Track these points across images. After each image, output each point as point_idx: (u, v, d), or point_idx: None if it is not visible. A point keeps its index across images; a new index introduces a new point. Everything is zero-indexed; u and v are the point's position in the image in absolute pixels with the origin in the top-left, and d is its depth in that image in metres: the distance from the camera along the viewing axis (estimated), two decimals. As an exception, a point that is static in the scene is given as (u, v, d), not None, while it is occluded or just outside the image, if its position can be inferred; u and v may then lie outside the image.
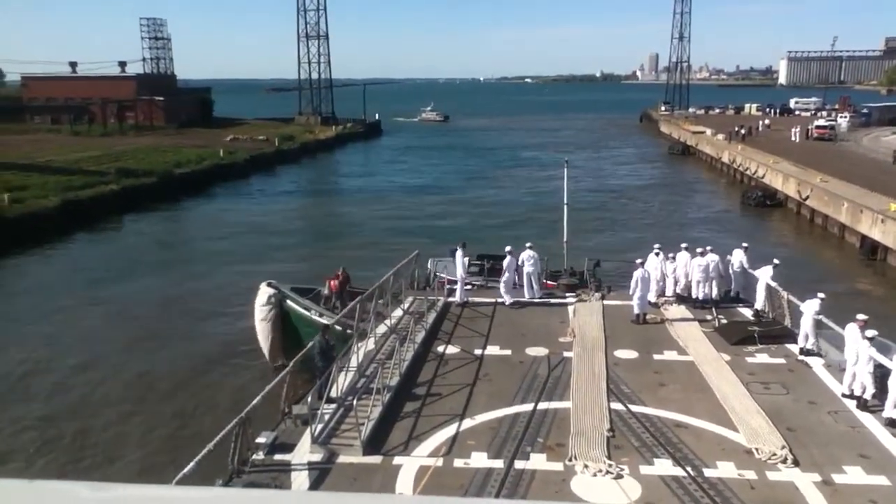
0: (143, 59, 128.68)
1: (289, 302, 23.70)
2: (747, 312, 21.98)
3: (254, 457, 12.86)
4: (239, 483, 11.92)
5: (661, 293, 23.13)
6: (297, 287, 25.16)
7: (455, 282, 23.41)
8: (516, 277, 23.57)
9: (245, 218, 53.96)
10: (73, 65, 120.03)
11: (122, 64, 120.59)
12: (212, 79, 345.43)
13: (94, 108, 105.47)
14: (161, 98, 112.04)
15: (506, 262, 23.37)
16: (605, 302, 22.90)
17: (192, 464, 11.09)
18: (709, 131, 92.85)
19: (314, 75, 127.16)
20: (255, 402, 13.24)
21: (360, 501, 1.54)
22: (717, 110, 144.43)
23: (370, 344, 18.55)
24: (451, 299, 22.97)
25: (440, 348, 18.78)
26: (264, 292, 23.65)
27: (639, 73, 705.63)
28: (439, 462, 12.75)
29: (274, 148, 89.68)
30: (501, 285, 23.25)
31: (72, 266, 40.22)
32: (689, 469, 12.42)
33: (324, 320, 23.43)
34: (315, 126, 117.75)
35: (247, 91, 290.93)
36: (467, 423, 14.29)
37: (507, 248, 23.77)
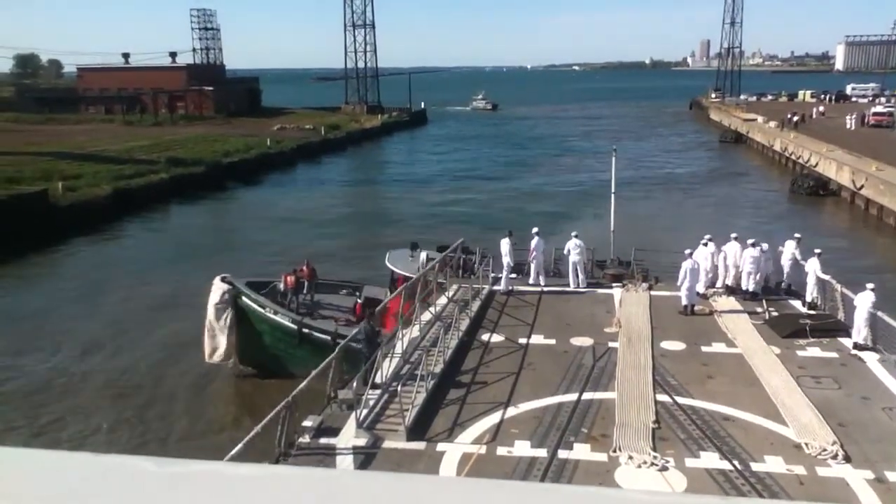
0: (194, 50, 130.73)
1: (244, 299, 23.54)
2: (799, 305, 21.50)
3: (300, 440, 13.06)
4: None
5: (711, 284, 22.73)
6: (253, 281, 24.82)
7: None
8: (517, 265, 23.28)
9: (290, 206, 54.60)
10: (126, 56, 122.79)
11: (173, 55, 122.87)
12: (260, 68, 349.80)
13: (145, 98, 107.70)
14: (210, 88, 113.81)
15: (534, 243, 23.24)
16: (653, 293, 22.61)
17: (239, 445, 11.35)
18: (760, 119, 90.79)
19: (360, 64, 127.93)
20: (301, 385, 13.46)
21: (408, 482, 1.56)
22: (770, 97, 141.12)
23: (415, 331, 18.64)
24: (495, 287, 22.93)
25: (484, 336, 18.78)
26: (218, 288, 23.29)
27: (689, 60, 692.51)
28: (482, 450, 12.78)
29: (320, 137, 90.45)
30: (531, 269, 23.19)
31: (120, 252, 41.28)
32: (736, 463, 12.23)
33: (279, 318, 23.31)
34: (361, 115, 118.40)
35: (294, 80, 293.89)
36: (511, 411, 14.29)
37: (535, 230, 23.73)
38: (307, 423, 13.54)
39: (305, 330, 23.13)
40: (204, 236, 45.92)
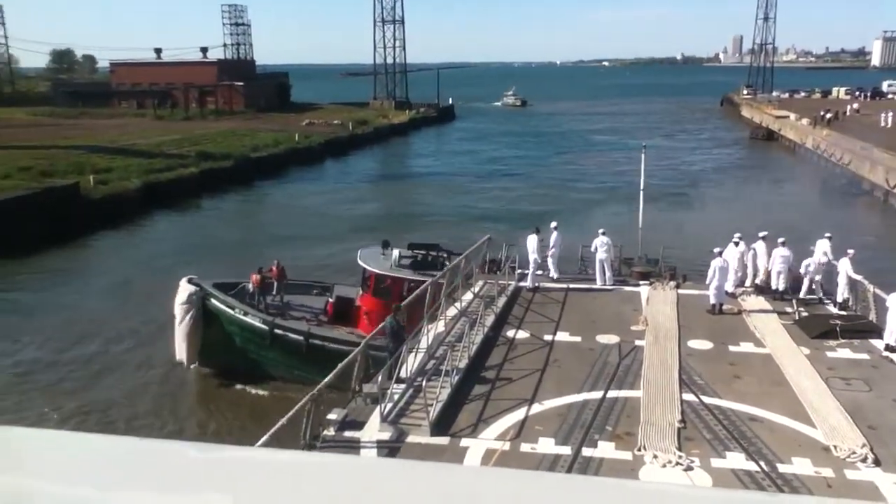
0: (224, 45, 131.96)
1: (213, 300, 23.30)
2: (830, 305, 21.18)
3: (324, 433, 13.17)
4: (311, 459, 12.21)
5: (740, 283, 22.47)
6: (221, 282, 24.53)
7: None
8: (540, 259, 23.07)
9: (317, 201, 54.94)
10: (158, 51, 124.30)
11: (204, 50, 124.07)
12: (289, 64, 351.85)
13: (176, 93, 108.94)
14: (240, 83, 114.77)
15: (552, 238, 23.11)
16: (680, 291, 22.42)
17: (265, 436, 11.47)
18: (792, 116, 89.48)
19: (389, 60, 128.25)
20: (326, 379, 13.57)
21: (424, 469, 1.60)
22: (803, 94, 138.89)
23: (440, 326, 18.67)
24: (521, 284, 22.89)
25: (510, 333, 18.76)
26: (184, 289, 22.99)
27: (721, 56, 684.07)
28: (506, 446, 12.78)
29: (348, 132, 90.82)
30: (549, 261, 23.10)
31: (149, 245, 41.83)
32: (762, 464, 12.10)
33: (249, 319, 23.06)
34: (389, 110, 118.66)
35: (323, 76, 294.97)
36: (536, 408, 14.27)
37: (553, 224, 23.64)
38: (332, 416, 13.65)
39: (277, 331, 22.76)
40: (231, 230, 46.39)
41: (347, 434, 13.24)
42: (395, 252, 23.94)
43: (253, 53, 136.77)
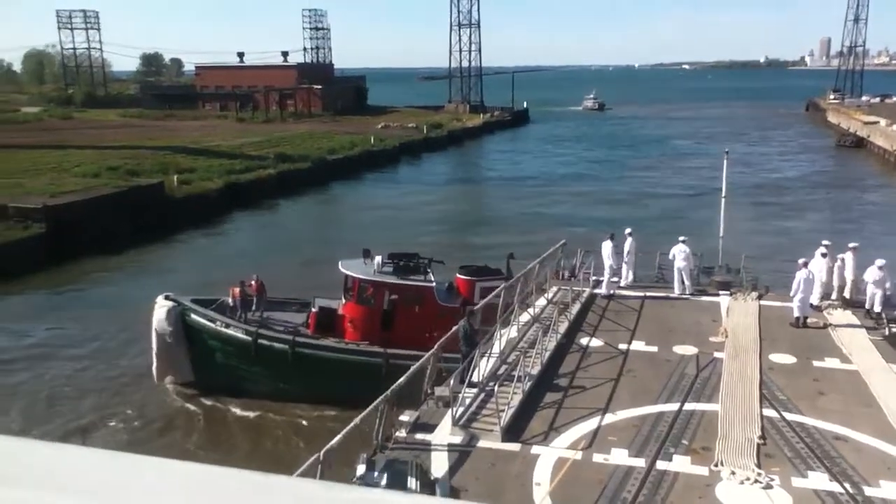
0: (304, 49, 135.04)
1: (193, 316, 22.87)
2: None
3: (396, 434, 13.25)
4: (382, 458, 12.29)
5: (826, 296, 21.55)
6: (198, 299, 24.08)
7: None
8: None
9: (390, 204, 55.54)
10: (241, 55, 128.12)
11: (285, 54, 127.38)
12: (367, 67, 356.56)
13: (258, 95, 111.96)
14: (319, 86, 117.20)
15: (627, 244, 22.67)
16: (762, 302, 21.67)
17: (338, 437, 11.62)
18: (883, 121, 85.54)
19: (465, 63, 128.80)
20: (400, 381, 13.64)
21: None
22: (895, 99, 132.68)
23: (513, 332, 18.57)
24: (596, 291, 22.55)
25: (583, 340, 18.49)
26: (162, 306, 22.56)
27: (807, 59, 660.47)
28: (578, 455, 12.59)
29: (422, 135, 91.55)
30: (624, 268, 22.68)
31: (228, 244, 43.06)
32: (847, 486, 11.56)
33: (231, 332, 22.58)
34: (463, 114, 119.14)
35: (400, 80, 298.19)
36: (609, 418, 14.00)
37: (628, 230, 23.17)
38: (404, 417, 13.72)
39: (262, 341, 22.26)
40: (306, 231, 47.36)
41: (419, 436, 13.29)
42: (377, 259, 23.47)
43: (332, 57, 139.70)
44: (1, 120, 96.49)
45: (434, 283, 22.98)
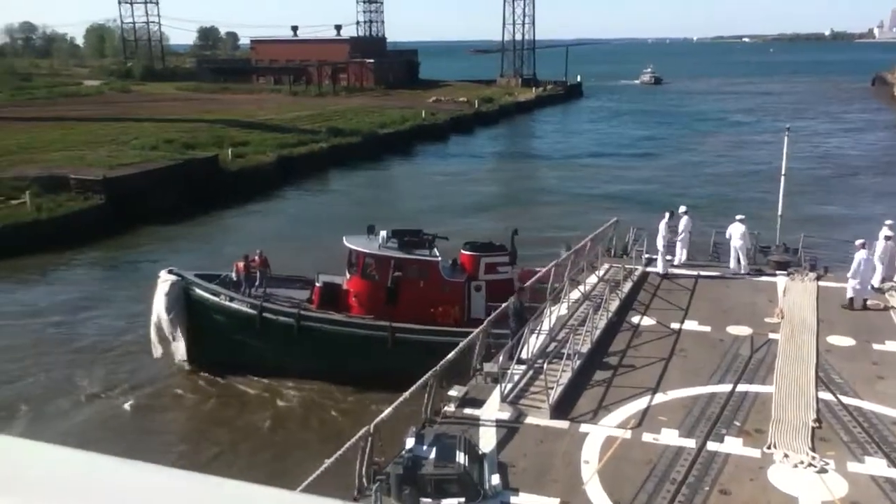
0: (357, 23, 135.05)
1: (197, 290, 22.64)
2: None
3: (445, 408, 13.36)
4: (431, 432, 12.40)
5: (889, 278, 20.87)
6: (201, 274, 23.79)
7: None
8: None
9: (440, 177, 55.53)
10: (295, 29, 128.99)
11: (338, 27, 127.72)
12: (419, 41, 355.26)
13: (311, 69, 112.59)
14: (371, 60, 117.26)
15: (682, 223, 22.19)
16: (821, 283, 21.10)
17: (389, 409, 11.78)
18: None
19: (518, 37, 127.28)
20: (449, 356, 13.72)
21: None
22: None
23: (563, 309, 18.47)
24: (649, 269, 22.23)
25: (635, 319, 18.29)
26: (165, 280, 22.30)
27: (876, 31, 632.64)
28: (627, 434, 12.52)
29: (473, 110, 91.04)
30: (678, 246, 22.24)
31: (277, 216, 43.58)
32: (906, 472, 11.27)
33: (235, 304, 22.38)
34: (515, 88, 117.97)
35: (452, 53, 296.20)
36: (659, 397, 13.88)
37: (683, 209, 22.60)
38: (453, 392, 13.82)
39: (267, 314, 22.09)
40: (357, 205, 47.52)
41: (467, 411, 13.38)
42: (382, 233, 23.25)
43: (384, 31, 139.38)
44: (64, 93, 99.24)
45: (439, 258, 22.78)
